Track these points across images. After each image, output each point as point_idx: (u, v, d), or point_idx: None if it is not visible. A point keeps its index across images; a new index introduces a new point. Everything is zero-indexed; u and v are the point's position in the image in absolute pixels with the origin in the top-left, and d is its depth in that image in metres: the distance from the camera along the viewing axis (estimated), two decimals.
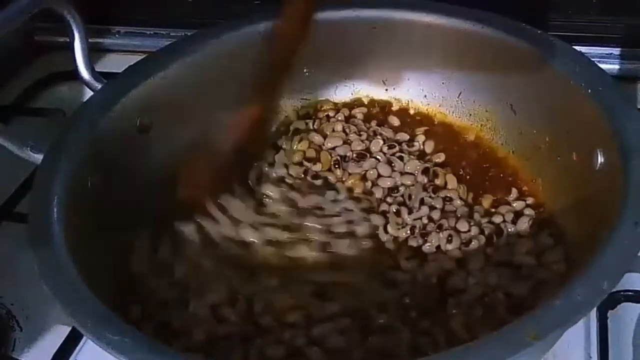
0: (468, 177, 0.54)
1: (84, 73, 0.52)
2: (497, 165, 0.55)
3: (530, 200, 0.51)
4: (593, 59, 0.49)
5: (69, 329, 0.49)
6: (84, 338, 0.49)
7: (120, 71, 0.54)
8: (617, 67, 0.64)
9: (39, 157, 0.46)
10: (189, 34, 0.58)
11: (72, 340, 0.49)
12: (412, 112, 0.59)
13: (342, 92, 0.60)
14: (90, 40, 0.53)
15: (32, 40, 0.78)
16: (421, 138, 0.57)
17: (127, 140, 0.51)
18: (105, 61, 0.75)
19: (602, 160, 0.44)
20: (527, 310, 0.35)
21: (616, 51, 0.65)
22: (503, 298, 0.45)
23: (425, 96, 0.59)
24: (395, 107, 0.59)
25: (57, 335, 0.49)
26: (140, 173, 0.51)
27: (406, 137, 0.57)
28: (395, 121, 0.58)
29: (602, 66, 0.48)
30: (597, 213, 0.42)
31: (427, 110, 0.59)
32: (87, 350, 0.49)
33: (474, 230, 0.49)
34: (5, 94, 0.72)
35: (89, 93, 0.53)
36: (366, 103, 0.60)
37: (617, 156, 0.42)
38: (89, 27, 0.53)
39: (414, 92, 0.59)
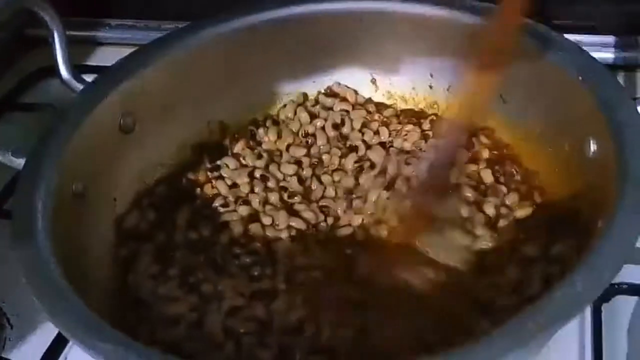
0: None
1: (64, 73, 0.52)
2: None
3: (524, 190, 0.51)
4: (585, 47, 0.48)
5: None
6: None
7: (110, 64, 0.54)
8: (611, 55, 0.64)
9: (20, 162, 0.46)
10: (180, 26, 0.58)
11: (63, 338, 0.48)
12: (400, 104, 0.59)
13: (327, 85, 0.59)
14: (80, 33, 0.53)
15: (22, 34, 0.77)
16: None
17: (110, 142, 0.50)
18: (96, 54, 0.74)
19: (595, 149, 0.44)
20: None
21: (610, 39, 0.64)
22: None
23: (414, 88, 0.58)
24: (384, 100, 0.59)
25: (48, 332, 0.49)
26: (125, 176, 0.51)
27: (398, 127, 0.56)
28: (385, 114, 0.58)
29: (595, 55, 0.48)
30: (593, 202, 0.42)
31: (415, 101, 0.58)
32: (78, 348, 0.48)
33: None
34: None
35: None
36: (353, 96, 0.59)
37: (610, 145, 0.41)
38: (78, 19, 0.52)
39: (402, 83, 0.58)
